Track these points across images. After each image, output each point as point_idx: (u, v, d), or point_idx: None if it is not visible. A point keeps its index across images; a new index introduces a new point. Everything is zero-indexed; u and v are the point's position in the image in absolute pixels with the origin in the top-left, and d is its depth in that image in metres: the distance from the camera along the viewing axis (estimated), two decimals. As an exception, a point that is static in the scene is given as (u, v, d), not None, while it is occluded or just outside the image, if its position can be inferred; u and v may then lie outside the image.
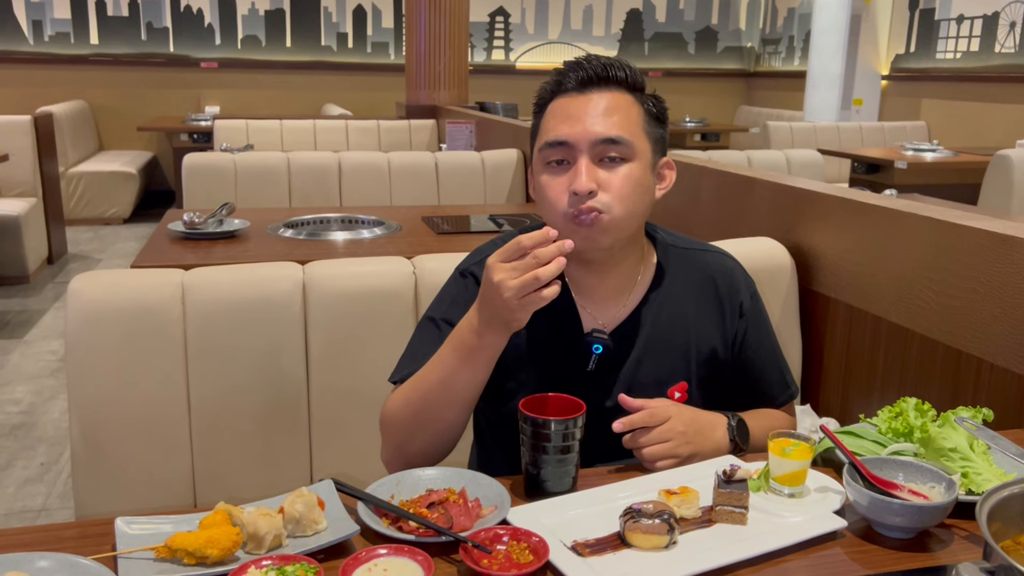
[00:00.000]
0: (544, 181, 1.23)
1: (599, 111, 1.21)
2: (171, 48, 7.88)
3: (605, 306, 1.29)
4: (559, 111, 1.23)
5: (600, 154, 1.20)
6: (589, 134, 1.19)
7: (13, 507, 2.61)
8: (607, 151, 1.20)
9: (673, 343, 1.30)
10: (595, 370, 1.26)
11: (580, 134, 1.19)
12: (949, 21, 6.72)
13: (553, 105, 1.25)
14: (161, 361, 1.56)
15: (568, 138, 1.20)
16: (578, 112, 1.21)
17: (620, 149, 1.20)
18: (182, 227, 2.55)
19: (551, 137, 1.21)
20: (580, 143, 1.19)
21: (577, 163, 1.20)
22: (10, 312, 4.51)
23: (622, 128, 1.21)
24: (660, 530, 0.94)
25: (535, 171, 1.27)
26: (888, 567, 0.93)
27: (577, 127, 1.20)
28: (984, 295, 1.45)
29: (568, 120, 1.21)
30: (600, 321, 1.29)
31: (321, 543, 0.92)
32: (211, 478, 1.61)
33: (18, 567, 0.84)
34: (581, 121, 1.20)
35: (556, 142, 1.21)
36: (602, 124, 1.20)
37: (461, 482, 1.06)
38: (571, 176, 1.20)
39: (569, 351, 1.27)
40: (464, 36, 5.92)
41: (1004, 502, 0.86)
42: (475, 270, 1.30)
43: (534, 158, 1.27)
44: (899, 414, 1.16)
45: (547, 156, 1.22)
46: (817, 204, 1.90)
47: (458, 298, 1.29)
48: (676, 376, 1.30)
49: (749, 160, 4.07)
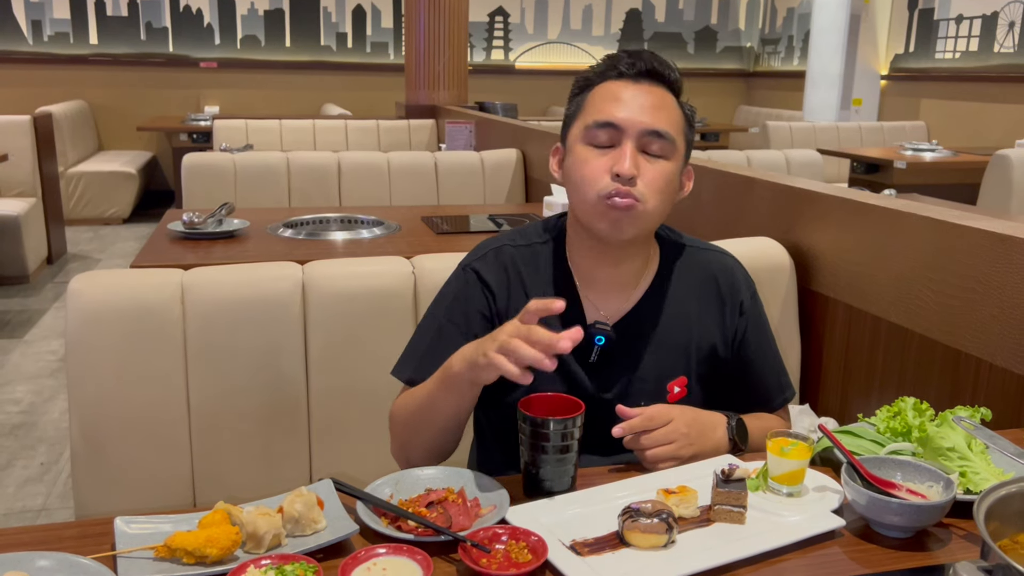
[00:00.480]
0: (584, 156, 1.23)
1: (650, 103, 1.23)
2: (170, 48, 7.88)
3: (609, 299, 1.31)
4: (610, 93, 1.24)
5: (644, 145, 1.22)
6: (640, 122, 1.21)
7: (13, 507, 2.62)
8: (651, 144, 1.22)
9: (674, 338, 1.31)
10: (597, 361, 1.28)
11: (630, 120, 1.21)
12: (948, 21, 6.73)
13: (602, 87, 1.26)
14: (161, 361, 1.56)
15: (619, 121, 1.21)
16: (630, 98, 1.23)
17: (663, 145, 1.23)
18: (182, 227, 2.55)
19: (601, 117, 1.22)
20: (630, 128, 1.21)
21: (623, 146, 1.21)
22: (10, 312, 4.51)
23: (669, 124, 1.23)
24: (659, 529, 0.94)
25: (570, 146, 1.27)
26: (886, 566, 0.93)
27: (628, 112, 1.22)
28: (983, 295, 1.45)
29: (620, 104, 1.22)
30: (603, 313, 1.30)
31: (320, 542, 0.92)
32: (210, 478, 1.61)
33: (18, 566, 0.84)
34: (632, 108, 1.22)
35: (606, 123, 1.22)
36: (652, 116, 1.22)
37: (460, 482, 1.06)
38: (613, 158, 1.21)
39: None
40: (463, 36, 5.92)
41: (1002, 501, 0.86)
42: (477, 265, 1.31)
43: (572, 134, 1.27)
44: (897, 413, 1.17)
45: (593, 135, 1.23)
46: (816, 204, 1.90)
47: (459, 294, 1.30)
48: (676, 371, 1.31)
49: (748, 160, 4.07)
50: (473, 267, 1.31)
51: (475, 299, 1.29)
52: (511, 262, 1.31)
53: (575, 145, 1.26)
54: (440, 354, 1.24)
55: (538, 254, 1.32)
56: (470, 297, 1.29)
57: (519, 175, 3.97)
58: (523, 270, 1.31)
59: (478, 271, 1.30)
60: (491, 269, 1.31)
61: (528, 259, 1.32)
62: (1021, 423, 1.36)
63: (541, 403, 1.09)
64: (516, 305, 1.27)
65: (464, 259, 1.35)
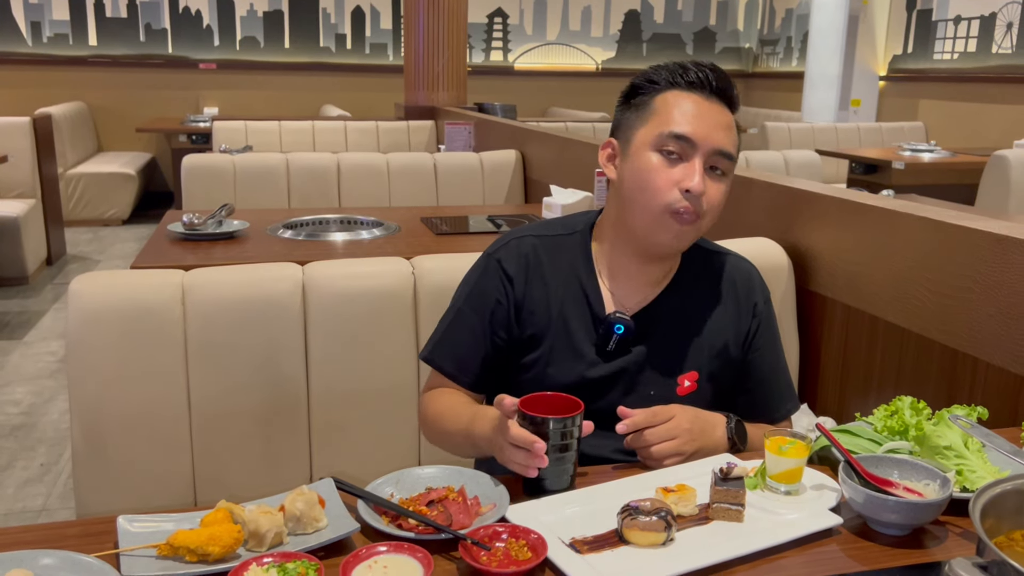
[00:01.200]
0: (654, 164, 1.25)
1: (723, 123, 1.26)
2: (169, 49, 7.89)
3: (629, 293, 1.34)
4: (686, 106, 1.25)
5: (711, 163, 1.26)
6: (713, 140, 1.24)
7: (13, 507, 2.62)
8: (718, 163, 1.26)
9: (689, 333, 1.35)
10: (613, 350, 1.31)
11: (706, 137, 1.24)
12: (946, 22, 6.74)
13: (674, 95, 1.27)
14: (161, 361, 1.57)
15: (695, 137, 1.23)
16: (706, 114, 1.25)
17: (727, 165, 1.27)
18: (182, 228, 2.55)
19: (678, 129, 1.24)
20: (703, 145, 1.24)
21: (692, 162, 1.24)
22: (9, 313, 4.52)
23: (734, 147, 1.28)
24: (657, 527, 0.95)
25: (636, 150, 1.27)
26: (883, 563, 0.94)
27: (704, 129, 1.24)
28: (980, 294, 1.46)
29: (696, 119, 1.24)
30: (623, 305, 1.34)
31: (322, 541, 0.93)
32: (211, 477, 1.62)
33: (22, 565, 0.85)
34: (708, 124, 1.24)
35: (682, 136, 1.24)
36: (723, 136, 1.25)
37: (460, 480, 1.06)
38: (683, 171, 1.24)
39: (590, 330, 1.32)
40: (462, 37, 5.93)
41: (998, 498, 0.87)
42: (499, 254, 1.36)
43: (638, 137, 1.28)
44: (895, 412, 1.17)
45: (666, 144, 1.24)
46: (814, 204, 1.91)
47: (479, 281, 1.36)
48: (688, 365, 1.34)
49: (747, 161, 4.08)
50: (496, 256, 1.36)
51: (493, 287, 1.34)
52: (532, 251, 1.35)
53: (642, 150, 1.27)
54: (454, 337, 1.35)
55: (561, 246, 1.37)
56: (488, 285, 1.35)
57: (518, 176, 3.98)
58: (544, 259, 1.35)
59: (500, 260, 1.35)
60: (511, 258, 1.35)
61: (550, 249, 1.36)
62: (1017, 422, 1.37)
63: (541, 402, 1.10)
64: (533, 293, 1.33)
65: (488, 248, 1.40)
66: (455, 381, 1.36)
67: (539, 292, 1.33)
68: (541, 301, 1.33)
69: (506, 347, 1.34)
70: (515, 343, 1.34)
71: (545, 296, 1.33)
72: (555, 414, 1.07)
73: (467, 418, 1.25)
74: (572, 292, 1.33)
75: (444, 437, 1.33)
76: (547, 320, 1.32)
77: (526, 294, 1.33)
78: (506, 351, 1.35)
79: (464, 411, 1.29)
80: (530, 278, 1.34)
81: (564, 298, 1.33)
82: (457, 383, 1.36)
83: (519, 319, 1.33)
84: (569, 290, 1.33)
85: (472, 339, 1.34)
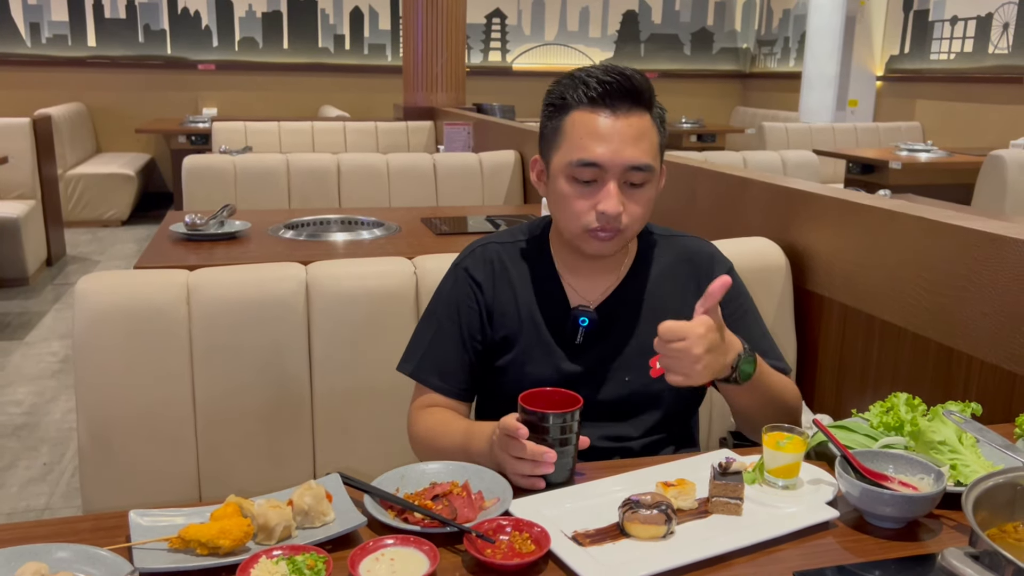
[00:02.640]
0: (569, 192, 1.28)
1: (630, 135, 1.25)
2: (168, 50, 7.90)
3: (590, 285, 1.38)
4: (589, 128, 1.25)
5: (626, 178, 1.27)
6: (623, 160, 1.24)
7: (17, 506, 2.64)
8: (633, 177, 1.27)
9: (653, 317, 1.34)
10: (582, 343, 1.35)
11: (613, 159, 1.24)
12: (943, 22, 6.77)
13: (580, 116, 1.26)
14: (167, 360, 1.58)
15: (602, 162, 1.24)
16: (610, 134, 1.25)
17: (645, 175, 1.27)
18: (184, 228, 2.57)
19: (585, 157, 1.25)
20: (613, 167, 1.25)
21: (607, 185, 1.25)
22: (10, 314, 4.53)
23: (649, 156, 1.27)
24: (658, 520, 0.97)
25: (553, 175, 1.31)
26: (879, 555, 0.96)
27: (610, 150, 1.24)
28: (975, 293, 1.48)
29: (602, 142, 1.24)
30: (585, 298, 1.37)
31: (329, 534, 0.95)
32: (216, 475, 1.63)
33: (37, 557, 0.86)
34: (614, 145, 1.24)
35: (589, 162, 1.25)
36: (633, 151, 1.25)
37: (464, 475, 1.08)
38: (599, 195, 1.26)
39: (558, 326, 1.36)
40: (461, 38, 5.95)
41: (990, 491, 0.89)
42: (466, 263, 1.40)
43: (554, 163, 1.30)
44: (890, 409, 1.19)
45: (577, 173, 1.26)
46: (811, 204, 1.93)
47: (451, 292, 1.40)
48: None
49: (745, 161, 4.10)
50: (463, 266, 1.41)
51: (465, 296, 1.38)
52: (496, 257, 1.40)
53: (558, 177, 1.29)
54: (437, 351, 1.38)
55: (522, 249, 1.42)
56: (461, 294, 1.39)
57: (517, 176, 4.00)
58: (508, 264, 1.40)
59: (467, 268, 1.40)
60: (478, 265, 1.40)
61: (512, 254, 1.41)
62: (1011, 418, 1.38)
63: (540, 398, 1.12)
64: (501, 297, 1.38)
65: (456, 258, 1.44)
66: (443, 393, 1.38)
67: (507, 295, 1.38)
68: (510, 303, 1.37)
69: (483, 351, 1.38)
70: (489, 346, 1.38)
71: (513, 298, 1.37)
72: (554, 409, 1.09)
73: (461, 434, 1.28)
74: (537, 292, 1.38)
75: (437, 454, 1.32)
76: (517, 321, 1.37)
77: (495, 298, 1.38)
78: (483, 355, 1.39)
79: (456, 427, 1.31)
80: (497, 282, 1.38)
81: (531, 299, 1.37)
82: (445, 395, 1.38)
83: (491, 322, 1.38)
84: (534, 290, 1.38)
85: (454, 349, 1.37)
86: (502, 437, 1.11)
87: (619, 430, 1.36)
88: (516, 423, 1.09)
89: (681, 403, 1.41)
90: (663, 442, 1.40)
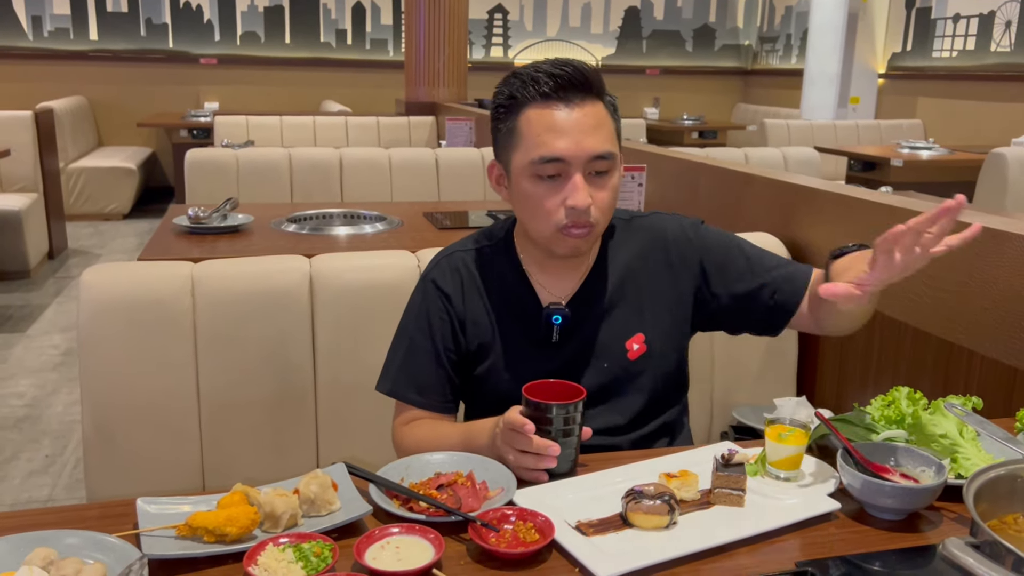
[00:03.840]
0: (534, 191, 1.26)
1: (588, 125, 1.23)
2: (170, 44, 7.89)
3: (560, 281, 1.36)
4: (546, 123, 1.23)
5: (590, 169, 1.24)
6: (585, 151, 1.22)
7: (19, 498, 2.65)
8: (597, 166, 1.25)
9: (624, 300, 1.37)
10: (558, 340, 1.34)
11: (576, 151, 1.22)
12: (945, 20, 6.77)
13: (534, 114, 1.24)
14: (171, 351, 1.59)
15: (564, 155, 1.22)
16: (569, 126, 1.22)
17: (608, 164, 1.25)
18: (187, 221, 2.58)
19: (547, 152, 1.22)
20: (577, 160, 1.23)
21: (573, 179, 1.23)
22: (12, 307, 4.54)
23: (610, 143, 1.25)
24: (661, 511, 0.98)
25: (515, 177, 1.28)
26: (880, 546, 0.97)
27: (571, 143, 1.22)
28: (975, 289, 1.49)
29: (561, 136, 1.22)
30: (556, 295, 1.36)
31: (335, 522, 0.96)
32: (220, 466, 1.64)
33: (46, 544, 0.87)
34: (574, 137, 1.22)
35: (552, 158, 1.22)
36: (593, 140, 1.23)
37: (469, 466, 1.09)
38: (566, 191, 1.23)
39: (531, 326, 1.35)
40: (463, 33, 5.95)
41: (991, 483, 0.90)
42: (433, 275, 1.38)
43: (514, 164, 1.28)
44: (891, 402, 1.20)
45: (541, 170, 1.24)
46: (813, 200, 1.94)
47: (421, 305, 1.38)
48: (631, 329, 1.36)
49: (746, 157, 4.11)
50: (430, 278, 1.38)
51: (436, 308, 1.36)
52: (463, 265, 1.38)
53: (521, 178, 1.27)
54: (412, 366, 1.36)
55: (487, 254, 1.39)
56: (431, 307, 1.37)
57: (519, 172, 4.00)
58: (476, 271, 1.38)
59: (435, 280, 1.37)
60: (446, 276, 1.37)
61: (479, 260, 1.38)
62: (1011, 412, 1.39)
63: (543, 389, 1.13)
64: (472, 305, 1.36)
65: (423, 271, 1.42)
66: (424, 408, 1.36)
67: (477, 303, 1.36)
68: (481, 311, 1.36)
69: (459, 362, 1.37)
70: (465, 357, 1.37)
71: (484, 306, 1.36)
72: (557, 400, 1.10)
73: (458, 438, 1.26)
74: (508, 296, 1.36)
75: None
76: (490, 328, 1.35)
77: (466, 307, 1.36)
78: (460, 366, 1.37)
79: (450, 432, 1.30)
80: (466, 291, 1.36)
81: (502, 303, 1.36)
82: (426, 409, 1.36)
83: (464, 332, 1.36)
84: (505, 295, 1.36)
85: (429, 363, 1.35)
86: (506, 431, 1.11)
87: (607, 419, 1.34)
88: (522, 418, 1.09)
89: (662, 385, 1.38)
90: (655, 435, 1.39)
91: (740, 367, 1.97)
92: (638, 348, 1.35)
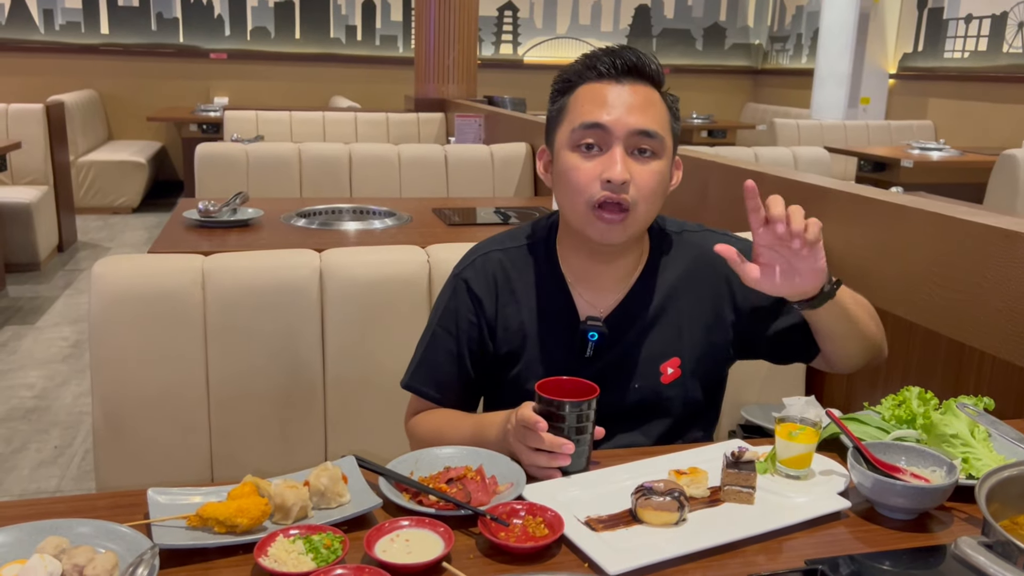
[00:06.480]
0: (573, 163, 1.22)
1: (636, 102, 1.20)
2: (181, 39, 7.92)
3: (601, 293, 1.32)
4: (593, 95, 1.22)
5: (633, 146, 1.21)
6: (627, 123, 1.19)
7: (28, 488, 2.66)
8: (641, 143, 1.21)
9: (664, 322, 1.32)
10: (592, 355, 1.30)
11: (618, 121, 1.19)
12: (957, 20, 6.73)
13: (584, 89, 1.23)
14: (181, 344, 1.60)
15: (606, 123, 1.19)
16: (615, 99, 1.20)
17: (653, 143, 1.21)
18: (197, 215, 2.58)
19: (587, 119, 1.20)
20: (617, 130, 1.19)
21: (612, 150, 1.19)
22: (22, 299, 4.56)
23: (656, 123, 1.21)
24: (670, 507, 0.98)
25: (557, 152, 1.26)
26: (890, 545, 0.96)
27: (615, 114, 1.19)
28: (988, 289, 1.48)
29: (605, 106, 1.20)
30: (595, 308, 1.31)
31: (345, 515, 0.96)
32: (228, 458, 1.65)
33: (58, 532, 0.88)
34: (619, 109, 1.20)
35: (592, 124, 1.20)
36: (639, 116, 1.20)
37: (478, 460, 1.09)
38: (603, 163, 1.20)
39: (566, 339, 1.30)
40: (473, 30, 5.95)
41: (1003, 483, 0.89)
42: (466, 274, 1.33)
43: (558, 139, 1.25)
44: (902, 402, 1.20)
45: (579, 138, 1.21)
46: (824, 199, 1.93)
47: (449, 303, 1.34)
48: (668, 353, 1.32)
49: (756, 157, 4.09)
50: (463, 277, 1.34)
51: (464, 310, 1.32)
52: (499, 267, 1.33)
53: (562, 151, 1.24)
54: (432, 361, 1.33)
55: (527, 255, 1.34)
56: (460, 308, 1.32)
57: (528, 169, 4.00)
58: (512, 274, 1.32)
59: (467, 280, 1.33)
60: (479, 278, 1.32)
61: (517, 262, 1.33)
62: (1023, 414, 1.39)
63: (557, 386, 1.12)
64: (504, 310, 1.31)
65: (456, 267, 1.37)
66: (440, 404, 1.34)
67: (511, 309, 1.31)
68: (514, 318, 1.31)
69: (484, 365, 1.34)
70: (492, 361, 1.33)
71: (518, 312, 1.31)
72: (571, 398, 1.10)
73: (469, 429, 1.24)
74: (544, 304, 1.31)
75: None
76: (521, 336, 1.31)
77: (498, 313, 1.31)
78: (485, 369, 1.34)
79: (463, 423, 1.27)
80: (500, 296, 1.32)
81: (537, 311, 1.31)
82: (442, 405, 1.34)
83: (493, 338, 1.32)
84: (541, 302, 1.31)
85: (450, 360, 1.32)
86: (519, 428, 1.09)
87: (630, 439, 1.31)
88: (535, 415, 1.07)
89: (692, 411, 1.35)
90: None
91: (749, 366, 1.95)
92: (672, 372, 1.31)
